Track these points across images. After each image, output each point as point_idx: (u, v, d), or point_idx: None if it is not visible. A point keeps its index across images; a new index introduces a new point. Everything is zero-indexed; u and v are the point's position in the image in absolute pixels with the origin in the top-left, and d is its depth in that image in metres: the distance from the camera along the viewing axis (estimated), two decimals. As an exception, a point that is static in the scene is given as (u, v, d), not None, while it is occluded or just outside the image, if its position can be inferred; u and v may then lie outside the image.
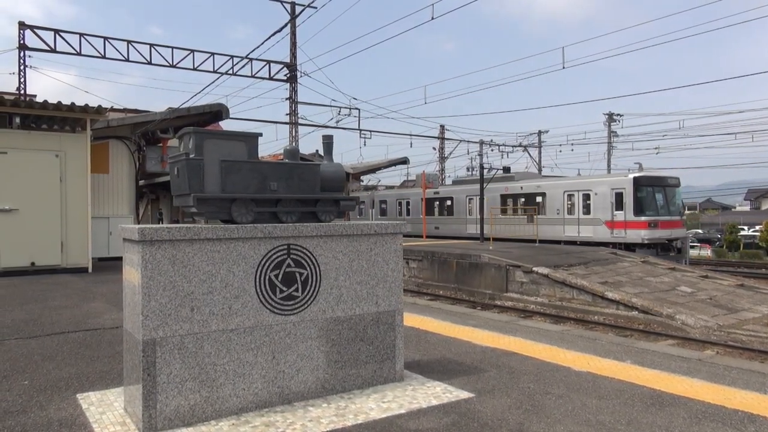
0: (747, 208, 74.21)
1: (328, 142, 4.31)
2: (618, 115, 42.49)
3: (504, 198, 26.98)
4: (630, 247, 21.56)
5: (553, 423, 3.34)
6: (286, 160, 3.99)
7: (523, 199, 26.12)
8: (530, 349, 5.23)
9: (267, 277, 3.55)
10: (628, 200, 21.87)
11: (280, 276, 3.60)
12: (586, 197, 23.41)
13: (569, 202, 24.08)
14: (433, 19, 16.91)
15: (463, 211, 29.06)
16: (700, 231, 49.11)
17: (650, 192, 22.13)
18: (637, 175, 22.25)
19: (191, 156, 3.49)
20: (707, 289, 14.86)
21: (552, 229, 24.37)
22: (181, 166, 3.57)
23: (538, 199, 24.95)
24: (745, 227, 45.03)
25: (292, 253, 3.65)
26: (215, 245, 3.37)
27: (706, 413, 3.54)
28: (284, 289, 3.61)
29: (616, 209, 22.23)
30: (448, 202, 30.06)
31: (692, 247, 29.87)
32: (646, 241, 21.50)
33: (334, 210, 4.08)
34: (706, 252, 35.94)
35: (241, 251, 3.46)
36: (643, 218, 21.35)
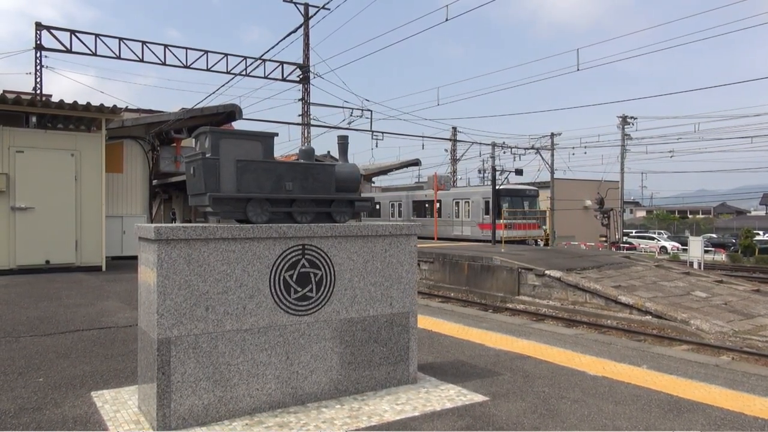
0: (762, 212, 73.28)
1: (343, 142, 4.30)
2: (632, 117, 41.99)
3: (416, 203, 32.74)
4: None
5: (568, 428, 3.30)
6: (302, 161, 3.98)
7: (428, 205, 31.59)
8: (544, 353, 5.18)
9: (281, 278, 3.54)
10: (491, 207, 26.51)
11: (295, 276, 3.59)
12: (466, 204, 29.22)
13: (456, 208, 29.88)
14: (447, 20, 16.84)
15: (387, 214, 34.91)
16: (713, 235, 48.56)
17: (509, 201, 27.35)
18: (499, 187, 27.33)
19: (207, 155, 3.50)
20: (722, 294, 14.67)
21: (446, 229, 29.80)
22: (197, 166, 3.57)
23: (437, 204, 30.04)
24: (761, 232, 44.44)
25: (306, 254, 3.64)
26: (230, 245, 3.37)
27: (725, 420, 3.49)
28: (299, 289, 3.60)
29: (485, 214, 27.45)
30: (377, 206, 35.43)
31: (706, 251, 29.58)
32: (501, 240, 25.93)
33: (348, 211, 4.07)
34: (721, 256, 35.54)
35: (256, 251, 3.46)
36: (502, 221, 25.50)
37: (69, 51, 21.91)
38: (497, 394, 3.91)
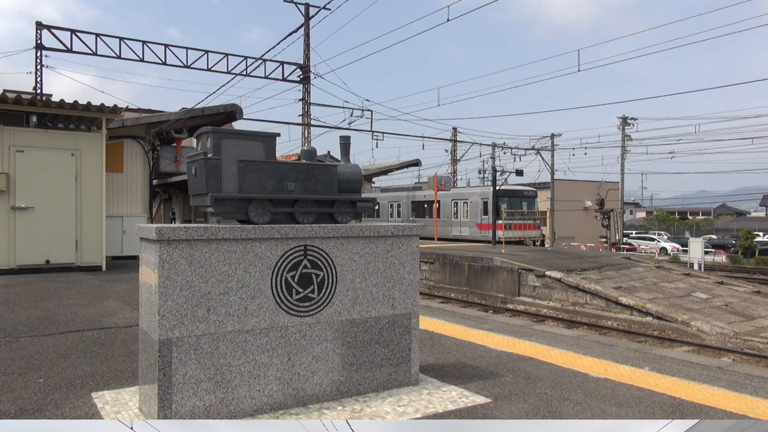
0: (763, 214, 73.26)
1: (345, 143, 4.27)
2: (632, 118, 41.97)
3: (415, 204, 33.08)
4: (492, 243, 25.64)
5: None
6: (304, 161, 3.96)
7: (427, 205, 32.00)
8: (546, 354, 5.17)
9: (283, 278, 3.52)
10: (490, 207, 27.07)
11: (297, 277, 3.57)
12: (465, 204, 29.67)
13: (454, 209, 30.31)
14: (448, 21, 16.83)
15: (386, 214, 35.12)
16: (714, 237, 48.55)
17: (507, 201, 27.72)
18: (497, 187, 27.52)
19: (209, 155, 3.48)
20: (723, 296, 14.66)
21: (445, 230, 30.03)
22: (199, 166, 3.56)
23: (436, 205, 30.03)
24: (761, 233, 44.42)
25: (308, 255, 3.62)
26: (232, 245, 3.35)
27: (728, 423, 3.47)
28: (300, 290, 3.59)
29: (483, 214, 27.97)
30: (377, 207, 35.33)
31: (707, 252, 29.58)
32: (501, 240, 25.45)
33: (350, 211, 4.05)
34: (721, 258, 35.52)
35: (258, 252, 3.44)
36: (499, 222, 25.49)
37: (69, 50, 21.88)
38: (499, 395, 3.90)
